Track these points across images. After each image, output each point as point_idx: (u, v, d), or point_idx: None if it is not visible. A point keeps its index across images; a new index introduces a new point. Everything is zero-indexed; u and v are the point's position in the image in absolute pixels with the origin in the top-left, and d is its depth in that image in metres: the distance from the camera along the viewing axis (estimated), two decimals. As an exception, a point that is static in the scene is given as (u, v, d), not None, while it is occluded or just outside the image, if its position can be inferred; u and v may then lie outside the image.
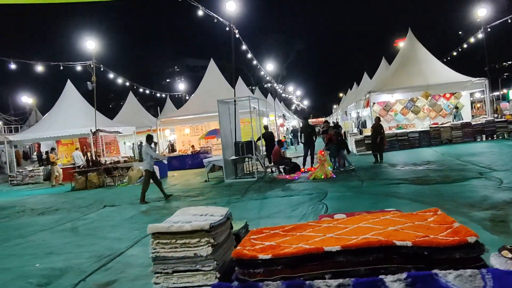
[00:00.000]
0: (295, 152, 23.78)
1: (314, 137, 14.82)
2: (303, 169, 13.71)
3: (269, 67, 35.31)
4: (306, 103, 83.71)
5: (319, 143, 17.81)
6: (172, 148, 29.22)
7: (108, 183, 16.37)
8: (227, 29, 14.85)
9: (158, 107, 39.97)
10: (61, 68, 18.39)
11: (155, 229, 4.52)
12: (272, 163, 14.31)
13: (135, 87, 26.76)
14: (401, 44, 78.77)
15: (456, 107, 20.86)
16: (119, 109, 34.36)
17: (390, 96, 20.61)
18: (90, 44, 18.27)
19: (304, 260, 2.96)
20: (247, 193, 10.75)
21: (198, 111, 21.83)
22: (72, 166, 21.93)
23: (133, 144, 29.38)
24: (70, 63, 18.26)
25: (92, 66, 18.09)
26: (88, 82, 18.46)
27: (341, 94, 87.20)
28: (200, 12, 14.24)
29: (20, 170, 23.05)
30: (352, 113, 30.95)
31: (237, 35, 15.37)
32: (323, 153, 12.38)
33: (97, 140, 22.40)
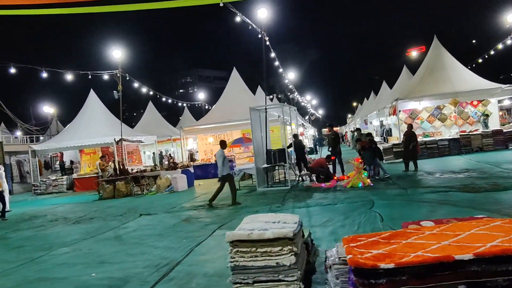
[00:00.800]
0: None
1: (339, 145, 14.70)
2: (336, 177, 13.43)
3: (289, 76, 35.18)
4: (320, 112, 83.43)
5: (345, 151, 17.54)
6: (191, 157, 29.13)
7: (136, 192, 16.24)
8: (260, 36, 14.70)
9: (176, 117, 40.18)
10: (89, 77, 18.46)
11: (234, 236, 4.31)
12: (306, 170, 14.05)
13: (158, 96, 26.71)
14: (413, 53, 78.64)
15: (486, 115, 20.47)
16: (134, 119, 34.62)
17: (417, 103, 20.29)
18: (117, 53, 18.32)
19: (432, 270, 2.72)
20: (285, 201, 10.52)
21: (221, 120, 21.73)
22: (95, 175, 21.97)
23: (153, 153, 29.36)
24: (98, 72, 18.30)
25: (118, 75, 18.11)
26: (114, 91, 18.50)
27: (354, 104, 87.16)
28: (232, 20, 14.08)
29: (44, 180, 23.10)
30: (374, 121, 30.59)
31: (267, 43, 15.22)
32: (360, 160, 12.11)
33: (120, 149, 22.43)
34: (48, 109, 32.58)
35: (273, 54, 21.26)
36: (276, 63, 23.57)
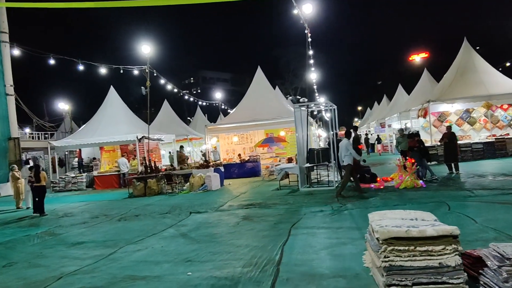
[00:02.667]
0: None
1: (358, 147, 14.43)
2: (379, 179, 13.06)
3: (311, 76, 34.88)
4: (328, 115, 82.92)
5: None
6: (205, 158, 28.60)
7: (167, 190, 15.81)
8: (306, 31, 14.31)
9: (188, 117, 39.69)
10: (121, 71, 18.05)
11: (390, 233, 3.91)
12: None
13: (181, 94, 26.29)
14: (417, 59, 78.51)
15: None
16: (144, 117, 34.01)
17: (450, 106, 19.96)
18: (145, 48, 17.91)
19: None
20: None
21: (246, 119, 21.33)
22: (116, 173, 21.54)
23: (170, 152, 28.90)
24: (127, 66, 17.89)
25: (146, 71, 17.70)
26: (142, 87, 18.10)
27: (360, 108, 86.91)
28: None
29: (63, 177, 22.63)
30: (394, 124, 30.25)
31: (309, 39, 14.83)
32: (413, 161, 11.74)
33: (143, 147, 22.01)
34: (63, 105, 32.11)
35: (276, 56, 20.85)
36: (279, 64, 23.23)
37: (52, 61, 15.82)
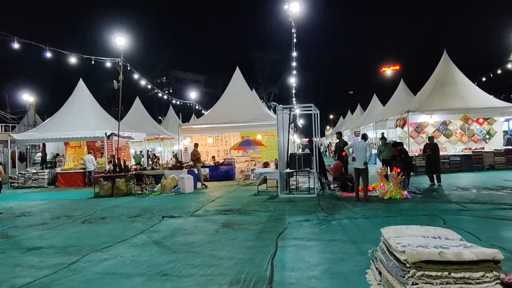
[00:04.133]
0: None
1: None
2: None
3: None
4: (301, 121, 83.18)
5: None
6: (176, 159, 27.63)
7: (136, 191, 14.83)
8: (292, 31, 13.71)
9: (160, 117, 38.44)
10: (93, 62, 16.89)
11: (421, 255, 3.28)
12: (332, 179, 13.12)
13: (153, 92, 25.15)
14: (388, 71, 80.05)
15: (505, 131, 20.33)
16: (116, 114, 32.67)
17: (428, 117, 19.85)
18: (120, 40, 16.88)
19: None
20: (327, 210, 9.49)
21: (223, 121, 20.56)
22: (82, 170, 20.29)
23: (140, 151, 27.74)
24: (100, 58, 16.77)
25: (120, 64, 16.67)
26: (114, 81, 17.01)
27: (331, 116, 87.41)
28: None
29: (23, 172, 21.14)
30: (369, 133, 30.13)
31: (295, 39, 14.25)
32: (398, 170, 11.30)
33: (111, 144, 20.88)
34: (27, 97, 30.29)
35: (250, 61, 20.25)
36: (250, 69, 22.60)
37: (16, 45, 14.50)
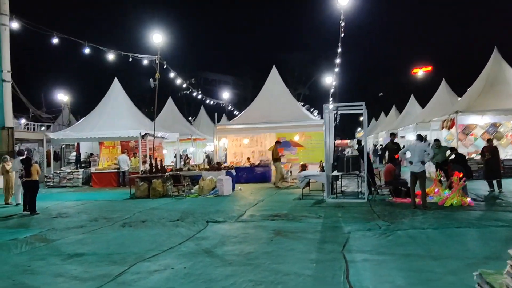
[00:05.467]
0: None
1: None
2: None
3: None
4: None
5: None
6: (209, 160, 27.17)
7: (173, 193, 14.31)
8: (340, 22, 12.93)
9: (189, 117, 38.16)
10: (130, 60, 16.57)
11: None
12: (384, 184, 12.22)
13: (189, 91, 24.80)
14: (420, 72, 77.82)
15: None
16: (149, 114, 32.54)
17: (479, 118, 18.64)
18: (157, 37, 16.45)
19: None
20: (382, 219, 8.63)
21: (259, 121, 19.90)
22: (116, 171, 20.02)
23: (183, 151, 27.37)
24: (138, 55, 16.41)
25: (157, 62, 16.25)
26: (151, 79, 16.61)
27: (361, 118, 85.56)
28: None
29: (58, 172, 21.05)
30: (408, 135, 28.95)
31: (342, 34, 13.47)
32: (461, 175, 10.32)
33: (145, 145, 20.59)
34: (62, 96, 30.49)
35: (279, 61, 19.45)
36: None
37: (55, 40, 14.27)
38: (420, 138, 10.52)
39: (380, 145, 37.80)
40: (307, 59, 68.12)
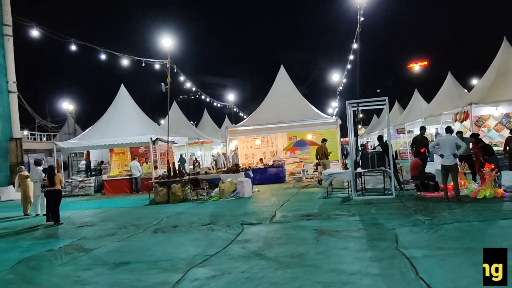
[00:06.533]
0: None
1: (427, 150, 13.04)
2: (442, 186, 11.51)
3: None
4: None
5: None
6: (216, 163, 26.94)
7: (193, 197, 14.14)
8: (358, 17, 12.79)
9: (191, 122, 37.97)
10: (143, 64, 16.41)
11: None
12: (411, 178, 12.06)
13: (198, 95, 24.65)
14: (416, 67, 77.46)
15: None
16: (154, 119, 32.45)
17: (493, 109, 18.54)
18: (167, 41, 16.30)
19: None
20: (420, 213, 8.49)
21: (270, 121, 19.76)
22: (128, 177, 19.83)
23: (180, 155, 27.22)
24: (149, 60, 16.26)
25: (167, 66, 16.09)
26: (162, 84, 16.47)
27: (361, 115, 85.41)
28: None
29: (69, 180, 20.85)
30: (416, 130, 28.88)
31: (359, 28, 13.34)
32: (492, 166, 10.19)
33: (155, 150, 20.43)
34: (67, 105, 30.26)
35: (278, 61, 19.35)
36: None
37: (73, 47, 14.10)
38: (450, 130, 10.38)
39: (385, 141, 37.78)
40: (305, 58, 68.13)
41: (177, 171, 14.88)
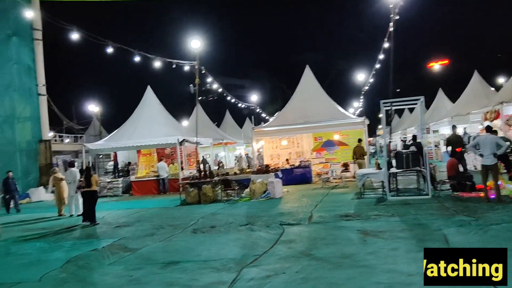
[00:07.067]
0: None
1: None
2: (481, 186, 11.31)
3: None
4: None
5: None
6: (220, 165, 26.83)
7: (223, 198, 14.20)
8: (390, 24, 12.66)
9: (216, 122, 38.21)
10: (174, 66, 16.60)
11: None
12: (448, 178, 11.89)
13: (225, 95, 24.75)
14: (436, 66, 76.26)
15: None
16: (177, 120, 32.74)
17: (526, 107, 18.12)
18: (195, 43, 16.42)
19: None
20: (462, 214, 8.35)
21: (296, 122, 19.71)
22: (155, 178, 20.03)
23: (202, 156, 27.33)
24: (180, 61, 16.43)
25: (196, 67, 16.21)
26: (190, 85, 16.67)
27: (380, 115, 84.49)
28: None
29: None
30: (445, 129, 28.48)
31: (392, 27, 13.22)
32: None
33: (181, 151, 20.57)
34: (93, 107, 30.75)
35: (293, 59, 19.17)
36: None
37: (109, 50, 14.36)
38: (490, 130, 10.20)
39: (409, 141, 37.32)
40: (319, 60, 67.71)
41: (208, 172, 14.95)
